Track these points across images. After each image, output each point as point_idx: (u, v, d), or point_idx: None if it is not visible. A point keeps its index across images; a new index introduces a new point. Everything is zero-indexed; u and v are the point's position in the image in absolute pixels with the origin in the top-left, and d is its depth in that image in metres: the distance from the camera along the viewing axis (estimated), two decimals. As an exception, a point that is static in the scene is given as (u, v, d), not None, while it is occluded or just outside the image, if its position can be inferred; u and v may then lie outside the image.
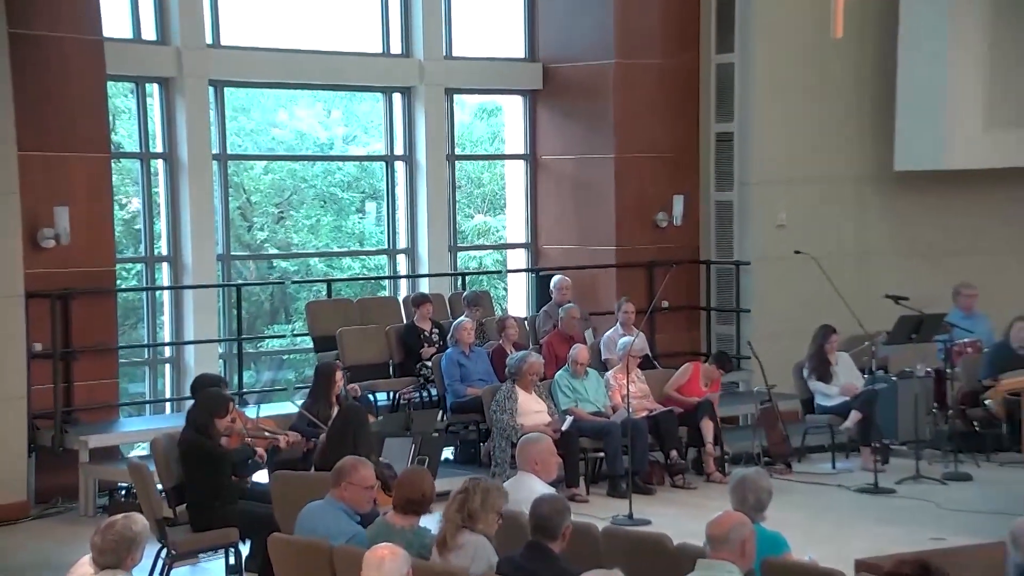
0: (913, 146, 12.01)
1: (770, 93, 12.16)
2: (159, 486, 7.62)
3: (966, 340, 10.89)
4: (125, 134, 11.58)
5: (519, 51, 12.66)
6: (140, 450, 9.76)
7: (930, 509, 8.99)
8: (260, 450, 7.85)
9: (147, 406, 10.90)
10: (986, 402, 10.10)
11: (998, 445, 10.06)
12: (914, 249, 12.35)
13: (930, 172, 12.12)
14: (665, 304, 11.80)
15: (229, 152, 11.54)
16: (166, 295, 10.86)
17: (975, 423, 10.41)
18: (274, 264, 14.48)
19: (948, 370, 10.40)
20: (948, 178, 12.20)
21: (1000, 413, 9.78)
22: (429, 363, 10.35)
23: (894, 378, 10.32)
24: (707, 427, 9.94)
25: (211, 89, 10.91)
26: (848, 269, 11.47)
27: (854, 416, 10.25)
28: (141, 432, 9.78)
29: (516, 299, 12.98)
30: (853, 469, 10.18)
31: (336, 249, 14.91)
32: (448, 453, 9.99)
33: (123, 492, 9.29)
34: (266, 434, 8.23)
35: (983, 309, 11.43)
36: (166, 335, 10.90)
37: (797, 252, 11.07)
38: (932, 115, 11.84)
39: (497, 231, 14.67)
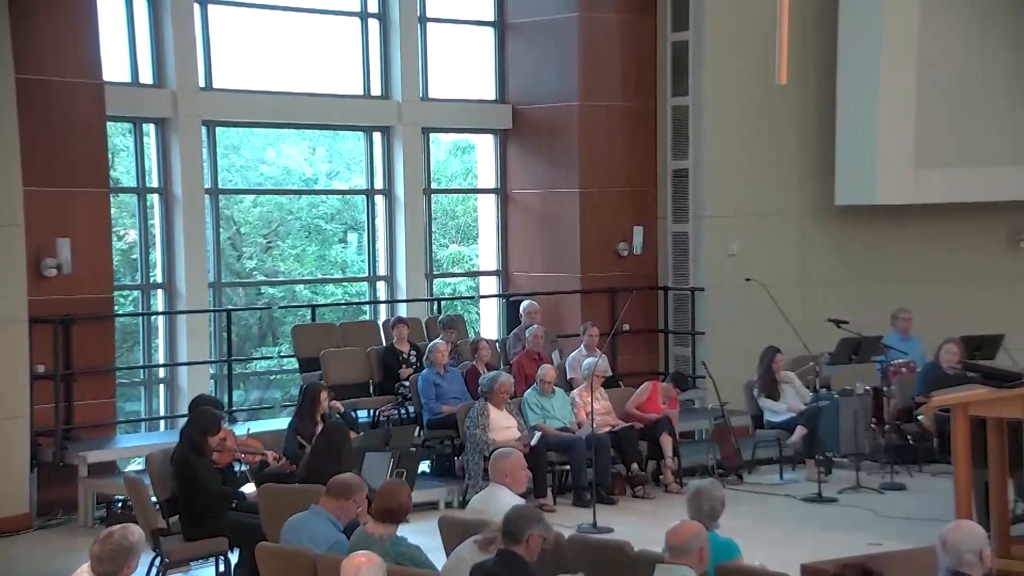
0: (851, 183, 12.10)
1: (721, 133, 12.23)
2: (154, 498, 7.57)
3: (901, 361, 10.96)
4: (123, 170, 11.56)
5: (490, 93, 12.71)
6: (136, 465, 9.69)
7: (869, 516, 9.03)
8: (249, 488, 7.78)
9: (142, 424, 10.82)
10: (919, 418, 10.13)
11: (930, 457, 10.11)
12: (854, 277, 12.42)
13: (867, 207, 12.21)
14: (626, 327, 11.82)
15: (220, 187, 11.54)
16: (160, 320, 10.82)
17: (909, 437, 10.46)
18: (262, 290, 14.45)
19: (885, 388, 10.45)
20: (883, 212, 12.31)
21: (931, 428, 9.84)
22: (407, 382, 10.34)
23: (836, 395, 10.37)
24: (666, 441, 9.96)
25: (204, 129, 10.90)
26: (794, 295, 11.53)
27: (799, 431, 10.30)
28: (137, 448, 9.70)
29: (488, 322, 12.99)
30: (799, 480, 10.22)
31: (320, 276, 14.89)
32: (425, 466, 9.97)
33: (120, 504, 9.20)
34: (253, 450, 8.20)
35: (916, 332, 11.53)
36: (160, 357, 10.84)
37: (747, 280, 11.12)
38: (868, 155, 11.94)
39: (470, 259, 14.69)
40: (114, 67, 10.32)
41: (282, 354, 12.46)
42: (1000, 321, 11.20)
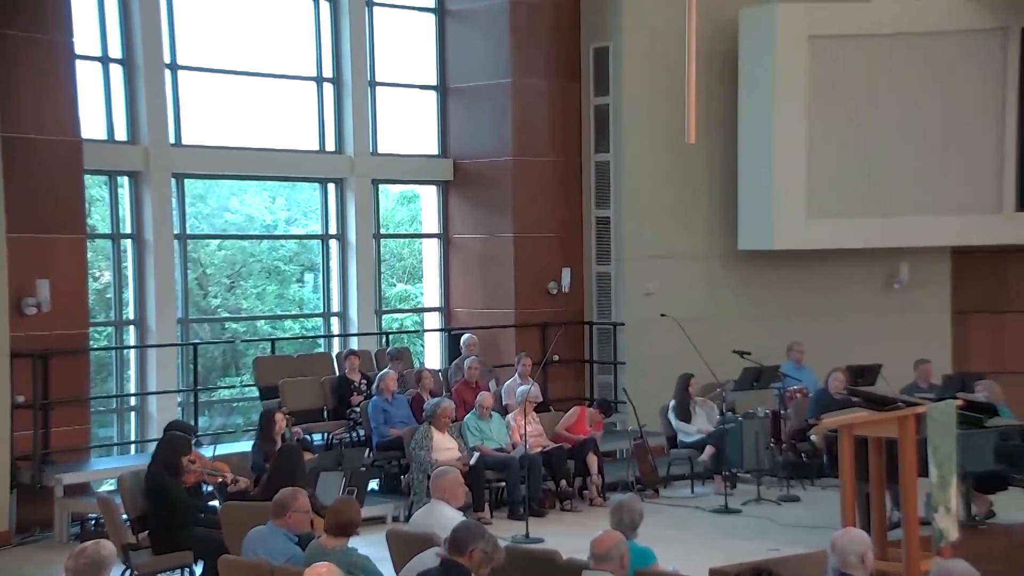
0: (751, 231, 12.30)
1: (638, 185, 12.37)
2: (124, 516, 7.46)
3: (795, 387, 11.11)
4: (99, 218, 11.40)
5: (433, 149, 12.77)
6: (108, 486, 9.51)
7: (769, 525, 9.14)
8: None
9: (115, 448, 10.64)
10: (811, 438, 10.26)
11: (820, 472, 10.17)
12: (755, 313, 12.55)
13: (765, 251, 12.39)
14: (556, 358, 11.86)
15: (188, 232, 11.43)
16: (132, 353, 10.66)
17: (803, 455, 10.58)
18: (226, 326, 14.28)
19: (782, 412, 10.61)
20: (779, 257, 12.49)
21: (822, 446, 9.94)
22: (358, 408, 10.29)
23: (740, 418, 10.48)
24: (591, 460, 10.00)
25: (173, 180, 10.82)
26: (703, 329, 11.62)
27: (708, 450, 10.40)
28: (109, 470, 9.54)
29: (431, 354, 12.96)
30: (708, 493, 10.31)
31: (279, 313, 14.77)
32: (374, 484, 9.92)
33: (93, 522, 9.03)
34: (216, 472, 8.13)
35: (808, 362, 11.72)
36: (132, 387, 10.68)
37: (663, 315, 11.25)
38: (765, 206, 12.15)
39: (415, 297, 14.68)
40: (92, 126, 10.23)
41: (244, 383, 12.29)
42: (878, 352, 11.43)
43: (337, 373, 10.78)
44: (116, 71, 10.52)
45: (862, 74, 12.12)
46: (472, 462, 9.42)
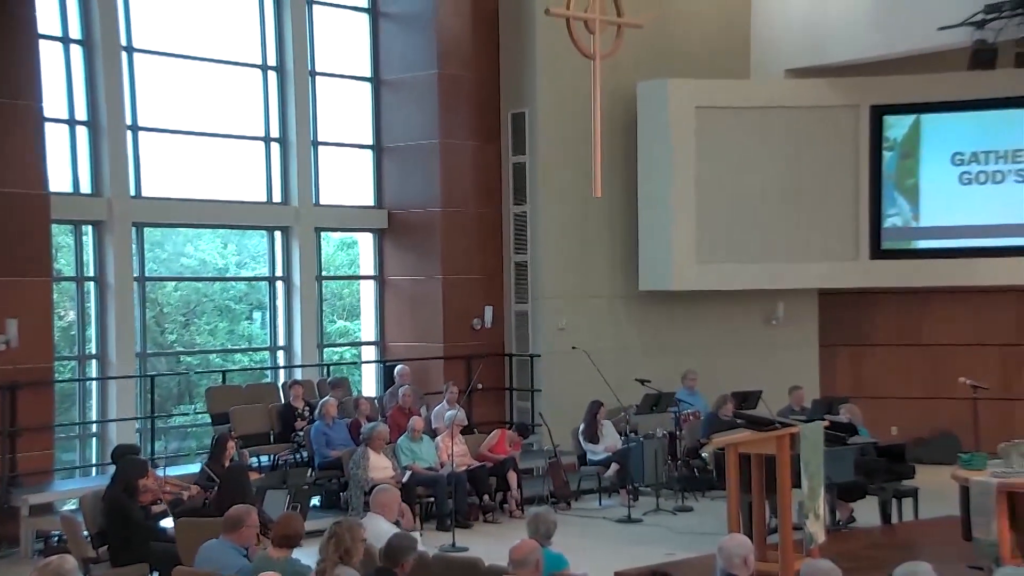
0: (650, 274, 12.53)
1: (552, 234, 12.51)
2: (85, 533, 7.29)
3: (689, 411, 11.32)
4: (65, 263, 11.16)
5: (370, 200, 12.80)
6: (71, 505, 9.27)
7: (666, 533, 9.24)
8: (168, 522, 7.57)
9: (77, 471, 10.37)
10: (703, 455, 10.42)
11: (711, 485, 10.35)
12: (654, 346, 12.73)
13: (662, 292, 12.61)
14: (480, 386, 11.91)
15: (147, 275, 11.26)
16: (94, 384, 10.44)
17: (696, 470, 10.74)
18: (181, 359, 14.05)
19: (678, 432, 10.79)
20: (675, 296, 12.72)
21: (712, 462, 10.13)
22: (301, 432, 10.20)
23: (641, 439, 10.60)
24: (511, 477, 10.03)
25: (133, 229, 10.67)
26: (609, 360, 11.77)
27: (614, 467, 10.51)
28: (72, 491, 9.28)
29: (368, 383, 12.89)
30: (614, 505, 10.37)
31: (230, 347, 14.58)
32: (316, 501, 9.82)
33: (56, 538, 8.78)
34: (170, 490, 8.02)
35: (700, 388, 11.96)
36: (93, 415, 10.44)
37: (574, 348, 11.39)
38: (662, 253, 12.41)
39: (354, 332, 14.61)
40: (59, 180, 10.07)
41: (197, 411, 12.08)
42: (759, 380, 11.69)
43: (282, 401, 10.69)
44: (82, 132, 10.39)
45: (741, 140, 12.55)
46: (404, 480, 9.40)
